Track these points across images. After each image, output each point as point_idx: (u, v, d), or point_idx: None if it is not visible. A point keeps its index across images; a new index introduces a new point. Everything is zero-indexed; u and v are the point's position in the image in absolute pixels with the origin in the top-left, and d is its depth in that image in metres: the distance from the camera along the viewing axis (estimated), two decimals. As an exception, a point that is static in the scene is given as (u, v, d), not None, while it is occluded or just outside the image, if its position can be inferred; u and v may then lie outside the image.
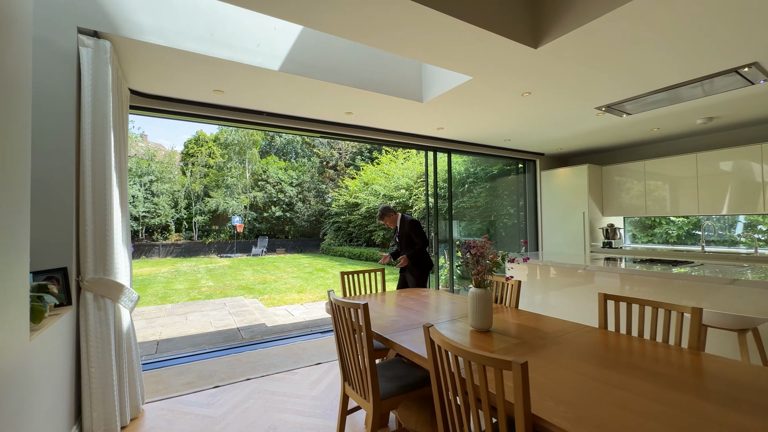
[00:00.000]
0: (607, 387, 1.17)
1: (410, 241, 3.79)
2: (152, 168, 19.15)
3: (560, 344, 1.56)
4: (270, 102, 3.37)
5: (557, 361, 1.38)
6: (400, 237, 3.86)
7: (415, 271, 3.80)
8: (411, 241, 3.79)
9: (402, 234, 3.84)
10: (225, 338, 4.13)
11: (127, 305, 2.35)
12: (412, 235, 3.78)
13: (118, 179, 2.35)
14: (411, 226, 3.81)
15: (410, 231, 3.79)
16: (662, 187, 5.00)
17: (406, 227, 3.82)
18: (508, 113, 3.75)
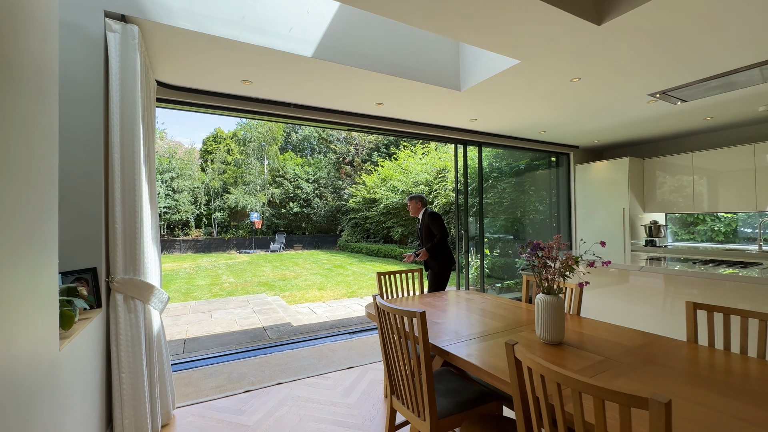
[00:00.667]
0: (740, 423, 0.95)
1: (430, 234, 3.66)
2: (173, 165, 19.44)
3: (653, 362, 1.34)
4: (298, 93, 3.20)
5: (662, 385, 1.16)
6: (420, 230, 3.76)
7: (435, 265, 3.64)
8: (431, 233, 3.66)
9: (422, 227, 3.73)
10: (251, 338, 4.03)
11: (157, 306, 2.23)
12: (431, 227, 3.65)
13: (147, 174, 2.22)
14: (431, 218, 3.68)
15: (430, 223, 3.66)
16: (713, 181, 4.62)
17: (426, 219, 3.69)
18: (551, 101, 3.48)
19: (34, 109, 1.08)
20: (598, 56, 2.54)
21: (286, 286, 8.66)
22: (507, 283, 6.44)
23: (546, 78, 2.91)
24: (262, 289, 8.23)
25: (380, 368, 3.10)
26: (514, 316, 1.99)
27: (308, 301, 6.89)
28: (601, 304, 3.43)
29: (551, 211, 6.31)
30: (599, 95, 3.32)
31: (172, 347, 3.76)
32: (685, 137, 5.15)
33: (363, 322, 4.83)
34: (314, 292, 7.79)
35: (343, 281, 9.28)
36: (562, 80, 2.96)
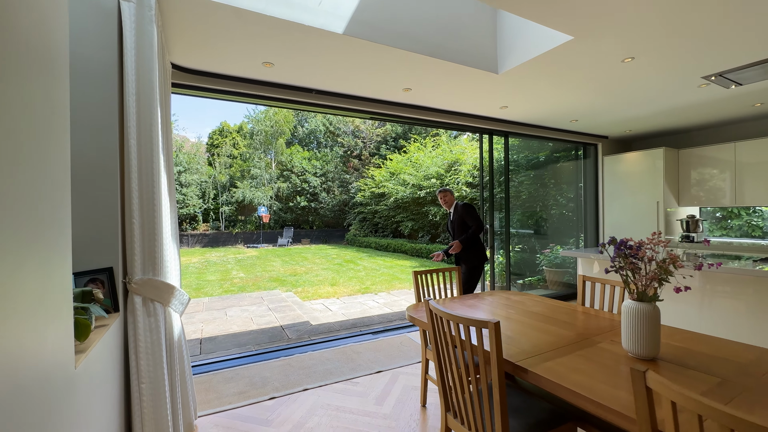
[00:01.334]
0: None
1: (464, 226, 3.48)
2: (180, 159, 19.33)
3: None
4: (322, 77, 2.96)
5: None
6: (453, 223, 3.57)
7: (468, 259, 3.44)
8: (464, 226, 3.48)
9: (455, 219, 3.54)
10: (270, 338, 3.85)
11: (177, 309, 2.03)
12: (465, 219, 3.47)
13: (166, 163, 2.01)
14: (465, 209, 3.50)
15: (464, 214, 3.48)
16: (757, 173, 4.32)
17: (459, 211, 3.52)
18: (596, 85, 3.21)
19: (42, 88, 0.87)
20: (658, 32, 2.27)
21: (298, 281, 8.49)
22: (529, 279, 6.20)
23: (597, 57, 2.64)
24: (273, 284, 8.07)
25: (412, 372, 2.90)
26: (581, 323, 1.76)
27: (322, 297, 6.71)
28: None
29: (575, 205, 6.04)
30: (650, 78, 3.04)
31: (189, 348, 3.58)
32: (726, 126, 4.84)
33: (384, 321, 4.63)
34: (327, 288, 7.62)
35: (355, 277, 9.10)
36: (613, 60, 2.69)
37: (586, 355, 1.37)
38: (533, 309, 2.01)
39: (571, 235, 6.14)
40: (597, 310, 1.98)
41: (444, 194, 3.63)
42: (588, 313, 1.93)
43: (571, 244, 6.12)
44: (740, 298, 2.66)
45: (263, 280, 8.76)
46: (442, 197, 3.65)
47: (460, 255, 3.49)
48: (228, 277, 9.13)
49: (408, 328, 4.04)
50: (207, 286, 7.84)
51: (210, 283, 8.31)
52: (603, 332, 1.62)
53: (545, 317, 1.85)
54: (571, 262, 5.86)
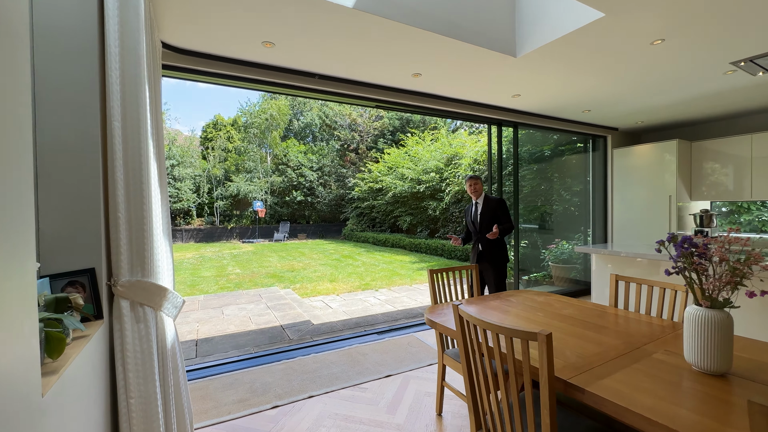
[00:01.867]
0: None
1: (495, 220, 3.24)
2: (173, 152, 18.91)
3: None
4: (326, 60, 2.74)
5: None
6: (481, 215, 3.29)
7: (496, 258, 3.23)
8: (494, 221, 3.24)
9: (484, 212, 3.28)
10: (270, 338, 3.65)
11: (170, 313, 1.83)
12: (498, 214, 3.24)
13: (156, 150, 1.79)
14: (499, 204, 3.29)
15: (497, 209, 3.26)
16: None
17: (491, 205, 3.29)
18: (619, 71, 3.01)
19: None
20: (692, 11, 2.09)
21: (296, 277, 8.29)
22: (534, 275, 6.06)
23: (626, 39, 2.44)
24: (271, 281, 7.86)
25: (423, 376, 2.73)
26: (622, 329, 1.58)
27: (321, 294, 6.52)
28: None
29: (580, 199, 5.88)
30: (677, 63, 2.85)
31: (183, 350, 3.38)
32: (742, 117, 4.69)
33: (388, 319, 4.46)
34: (326, 285, 7.42)
35: (354, 272, 8.91)
36: (643, 42, 2.50)
37: (644, 370, 1.19)
38: (564, 312, 1.83)
39: (577, 230, 5.99)
40: (635, 313, 1.81)
41: (475, 182, 3.32)
42: (626, 316, 1.76)
43: (577, 239, 5.97)
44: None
45: (260, 276, 8.54)
46: (473, 185, 3.32)
47: (486, 253, 3.24)
48: (224, 274, 8.90)
49: (414, 327, 3.87)
50: (202, 283, 7.61)
51: (205, 279, 8.08)
52: (652, 340, 1.44)
53: (581, 322, 1.67)
54: (578, 257, 5.71)
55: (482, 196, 3.34)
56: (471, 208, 3.44)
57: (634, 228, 5.11)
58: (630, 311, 1.85)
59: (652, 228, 4.88)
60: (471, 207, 3.44)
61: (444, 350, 2.11)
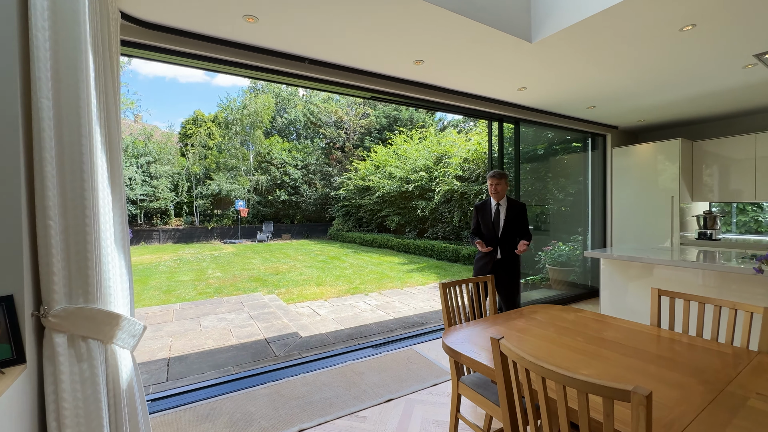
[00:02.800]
0: None
1: (518, 226, 2.96)
2: (149, 148, 18.02)
3: None
4: (318, 41, 2.39)
5: None
6: (506, 221, 2.95)
7: (513, 268, 2.98)
8: (517, 227, 2.96)
9: (508, 216, 2.96)
10: (253, 355, 3.27)
11: (127, 344, 1.46)
12: (521, 221, 2.97)
13: (106, 140, 1.41)
14: (523, 210, 3.01)
15: (520, 215, 2.99)
16: (780, 166, 4.07)
17: (516, 209, 2.99)
18: (640, 61, 2.77)
19: None
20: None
21: (281, 281, 7.86)
22: (531, 278, 5.85)
23: (655, 22, 2.19)
24: (254, 285, 7.41)
25: (428, 400, 2.42)
26: (690, 361, 1.31)
27: (308, 299, 6.14)
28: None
29: (576, 199, 5.70)
30: (703, 52, 2.63)
31: (152, 372, 2.96)
32: (746, 116, 4.58)
33: (383, 329, 4.14)
34: (313, 289, 7.04)
35: (342, 275, 8.55)
36: (672, 28, 2.25)
37: (751, 429, 0.91)
38: (606, 335, 1.56)
39: (573, 231, 5.82)
40: (690, 336, 1.55)
41: (498, 181, 2.94)
42: (683, 341, 1.49)
43: (573, 240, 5.80)
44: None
45: (242, 279, 8.07)
46: (495, 184, 2.93)
47: (505, 262, 2.94)
48: (203, 277, 8.38)
49: (412, 339, 3.57)
50: (179, 288, 7.10)
51: (182, 284, 7.56)
52: (732, 377, 1.17)
53: (635, 350, 1.39)
54: (576, 260, 5.54)
55: (505, 198, 3.01)
56: (490, 209, 3.03)
57: (635, 229, 4.96)
58: (677, 332, 1.59)
59: (653, 229, 4.73)
60: (489, 207, 3.04)
61: (459, 376, 1.81)
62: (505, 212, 2.98)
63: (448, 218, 11.74)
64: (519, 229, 2.98)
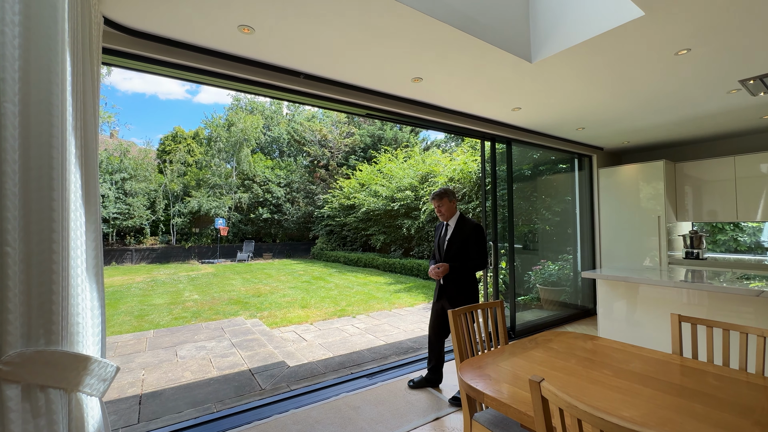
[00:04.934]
0: None
1: (466, 250, 2.69)
2: (124, 165, 17.37)
3: None
4: (315, 55, 2.30)
5: None
6: (450, 242, 2.75)
7: (460, 297, 2.67)
8: (467, 249, 2.69)
9: (455, 237, 2.74)
10: (236, 389, 2.99)
11: (95, 390, 1.24)
12: (471, 244, 2.70)
13: (81, 155, 1.24)
14: (477, 232, 2.73)
15: (472, 237, 2.71)
16: (759, 187, 4.22)
17: (467, 231, 2.73)
18: (634, 83, 2.81)
19: None
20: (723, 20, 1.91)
21: (263, 303, 7.51)
22: (522, 298, 5.79)
23: (654, 45, 2.22)
24: (234, 308, 7.03)
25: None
26: (731, 397, 1.21)
27: (292, 323, 5.84)
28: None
29: (562, 219, 5.75)
30: (695, 75, 2.69)
31: (122, 412, 2.64)
32: (725, 139, 4.77)
33: (376, 356, 3.92)
34: (297, 311, 6.74)
35: (328, 296, 8.26)
36: (669, 50, 2.29)
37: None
38: (633, 367, 1.45)
39: (562, 250, 5.83)
40: (720, 367, 1.46)
41: (440, 202, 2.74)
42: (712, 372, 1.40)
43: (562, 259, 5.80)
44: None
45: (221, 302, 7.66)
46: (438, 206, 2.75)
47: (449, 288, 2.71)
48: (179, 300, 7.91)
49: (407, 366, 3.38)
50: (152, 313, 6.64)
51: (156, 308, 7.09)
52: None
53: (670, 385, 1.29)
54: (566, 279, 5.52)
55: (455, 217, 2.80)
56: (441, 229, 2.87)
57: (624, 248, 5.00)
58: (701, 361, 1.50)
59: (641, 249, 4.78)
60: (441, 227, 2.87)
61: (472, 413, 1.65)
62: (450, 233, 2.76)
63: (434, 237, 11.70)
64: (468, 253, 2.68)
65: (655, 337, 3.01)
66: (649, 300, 3.08)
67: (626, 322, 3.23)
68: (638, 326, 3.14)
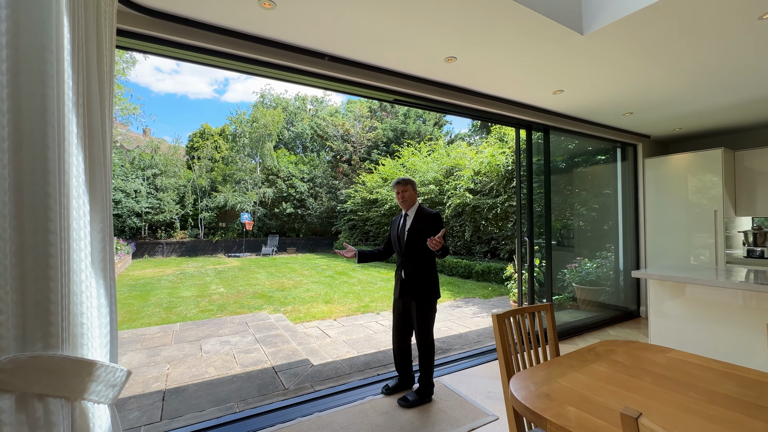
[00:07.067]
0: None
1: (423, 242, 2.55)
2: (155, 161, 17.97)
3: None
4: (341, 35, 2.11)
5: None
6: (410, 231, 2.61)
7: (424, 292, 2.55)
8: (423, 241, 2.54)
9: (415, 228, 2.60)
10: (259, 388, 2.89)
11: (103, 397, 1.11)
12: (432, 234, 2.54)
13: (84, 135, 1.10)
14: (436, 220, 2.59)
15: (432, 226, 2.57)
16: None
17: (427, 220, 2.59)
18: (701, 55, 2.46)
19: None
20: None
21: (287, 298, 7.49)
22: (556, 298, 5.45)
23: (731, 6, 1.89)
24: (259, 302, 7.05)
25: (468, 452, 2.03)
26: None
27: (316, 318, 5.76)
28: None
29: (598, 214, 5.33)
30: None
31: (145, 408, 2.59)
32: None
33: (402, 356, 3.74)
34: (321, 307, 6.66)
35: (351, 291, 8.16)
36: (750, 14, 1.95)
37: None
38: (724, 389, 1.19)
39: (600, 247, 5.43)
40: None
41: (404, 187, 2.66)
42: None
43: (600, 257, 5.41)
44: None
45: (246, 296, 7.71)
46: (401, 191, 2.65)
47: (412, 283, 2.58)
48: (206, 293, 8.04)
49: (437, 369, 3.18)
50: (180, 305, 6.75)
51: (184, 300, 7.22)
52: None
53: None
54: (607, 279, 5.14)
55: (415, 207, 2.68)
56: (398, 221, 2.75)
57: (670, 246, 4.57)
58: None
59: (692, 246, 4.35)
60: (398, 219, 2.76)
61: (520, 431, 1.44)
62: (410, 224, 2.64)
63: (459, 233, 11.36)
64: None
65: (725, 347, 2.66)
66: (712, 304, 2.73)
67: (685, 328, 2.89)
68: (701, 333, 2.79)
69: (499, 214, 9.57)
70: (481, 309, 6.24)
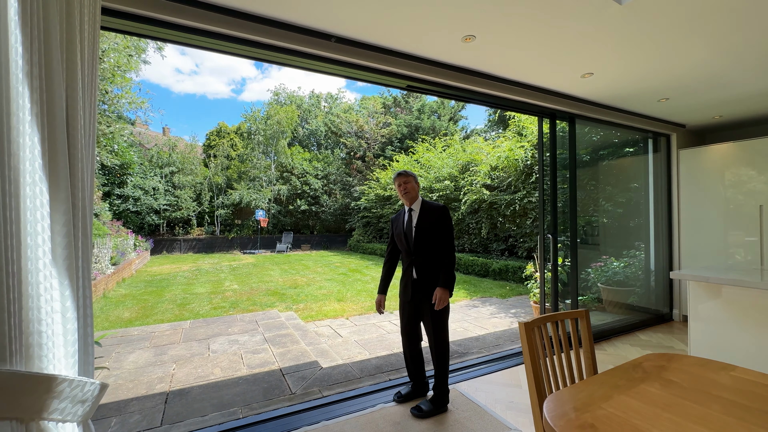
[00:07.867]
0: None
1: (434, 237, 2.35)
2: (173, 159, 18.27)
3: None
4: (349, 13, 1.92)
5: None
6: (418, 228, 2.39)
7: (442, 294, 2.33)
8: (435, 237, 2.35)
9: (423, 224, 2.38)
10: (265, 392, 2.75)
11: (71, 415, 0.97)
12: (440, 230, 2.35)
13: (40, 113, 0.95)
14: (444, 214, 2.38)
15: (440, 221, 2.36)
16: None
17: (433, 215, 2.38)
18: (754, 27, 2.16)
19: None
20: None
21: (299, 295, 7.40)
22: (581, 298, 5.14)
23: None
24: (271, 299, 6.98)
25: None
26: None
27: (328, 316, 5.63)
28: None
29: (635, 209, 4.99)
30: None
31: (147, 411, 2.49)
32: None
33: (416, 359, 3.55)
34: (333, 305, 6.53)
35: (364, 290, 8.01)
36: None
37: None
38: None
39: (629, 245, 5.08)
40: None
41: (406, 179, 2.46)
42: None
43: (629, 256, 5.06)
44: None
45: (259, 293, 7.66)
46: (403, 183, 2.45)
47: (424, 284, 2.39)
48: (219, 289, 8.04)
49: (452, 374, 2.98)
50: (194, 302, 6.74)
51: (198, 297, 7.22)
52: None
53: None
54: (636, 279, 4.80)
55: (419, 201, 2.46)
56: (401, 218, 2.51)
57: (707, 243, 4.21)
58: None
59: (732, 244, 3.98)
60: (401, 216, 2.52)
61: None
62: (417, 219, 2.41)
63: (475, 229, 11.06)
64: (438, 241, 2.36)
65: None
66: (762, 308, 2.43)
67: (730, 336, 2.59)
68: (748, 342, 2.49)
69: (518, 211, 9.23)
70: (498, 309, 5.98)
